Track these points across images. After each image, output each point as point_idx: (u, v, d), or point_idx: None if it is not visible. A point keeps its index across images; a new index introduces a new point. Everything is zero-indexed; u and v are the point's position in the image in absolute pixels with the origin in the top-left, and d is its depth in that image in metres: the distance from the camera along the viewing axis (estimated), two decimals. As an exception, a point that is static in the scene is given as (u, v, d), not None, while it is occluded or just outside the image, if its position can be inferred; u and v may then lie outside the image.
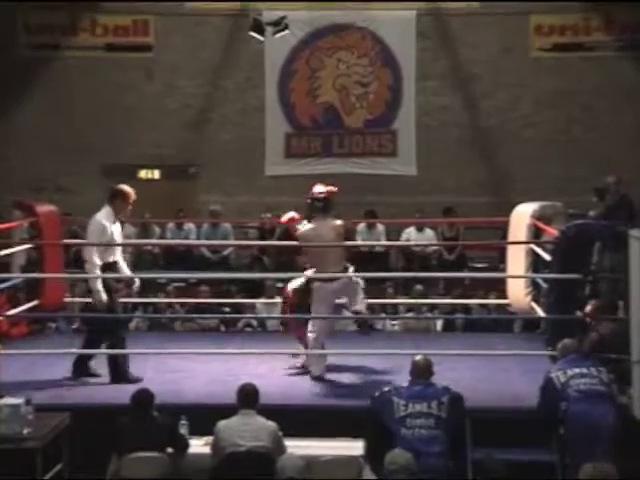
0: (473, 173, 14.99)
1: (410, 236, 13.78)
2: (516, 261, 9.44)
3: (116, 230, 8.26)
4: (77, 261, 8.63)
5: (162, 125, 15.20)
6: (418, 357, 7.00)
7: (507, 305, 10.14)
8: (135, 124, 15.17)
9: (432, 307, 12.05)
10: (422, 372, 6.88)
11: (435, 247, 13.86)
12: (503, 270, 10.49)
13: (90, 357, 8.29)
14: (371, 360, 8.62)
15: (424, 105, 15.14)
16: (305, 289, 8.22)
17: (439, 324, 11.70)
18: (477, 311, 11.79)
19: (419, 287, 12.12)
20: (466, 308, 11.96)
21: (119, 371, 8.11)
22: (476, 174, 14.99)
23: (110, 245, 8.14)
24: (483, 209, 13.83)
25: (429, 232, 13.88)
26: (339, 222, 8.20)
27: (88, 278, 8.12)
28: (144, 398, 6.71)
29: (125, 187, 8.32)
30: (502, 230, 10.89)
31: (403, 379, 7.03)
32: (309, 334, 8.13)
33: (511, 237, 9.81)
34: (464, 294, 12.12)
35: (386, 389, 6.92)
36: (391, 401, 6.76)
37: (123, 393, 7.03)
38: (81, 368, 8.23)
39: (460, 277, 12.71)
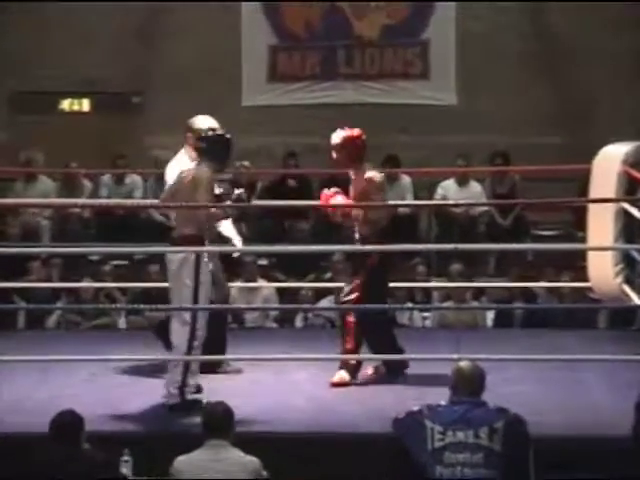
0: (537, 103, 14.98)
1: (448, 192, 13.77)
2: (601, 226, 9.40)
3: None
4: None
5: (94, 37, 15.13)
6: (463, 364, 6.96)
7: (588, 290, 10.13)
8: (56, 36, 15.11)
9: (479, 293, 12.06)
10: (468, 385, 6.84)
11: (484, 208, 13.85)
12: (582, 240, 10.48)
13: None
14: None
15: (467, 6, 15.07)
16: None
17: (489, 317, 11.75)
18: (544, 298, 11.81)
19: (459, 265, 12.13)
20: (528, 294, 11.96)
21: None
22: (541, 104, 14.99)
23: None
24: (552, 153, 13.80)
25: (475, 186, 13.86)
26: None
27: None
28: (70, 424, 6.66)
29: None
30: (581, 183, 10.85)
31: (439, 395, 7.00)
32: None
33: (594, 192, 9.77)
34: (525, 275, 12.13)
35: (416, 409, 6.88)
36: (423, 426, 6.73)
37: (42, 417, 6.98)
38: None
39: (520, 249, 12.73)
